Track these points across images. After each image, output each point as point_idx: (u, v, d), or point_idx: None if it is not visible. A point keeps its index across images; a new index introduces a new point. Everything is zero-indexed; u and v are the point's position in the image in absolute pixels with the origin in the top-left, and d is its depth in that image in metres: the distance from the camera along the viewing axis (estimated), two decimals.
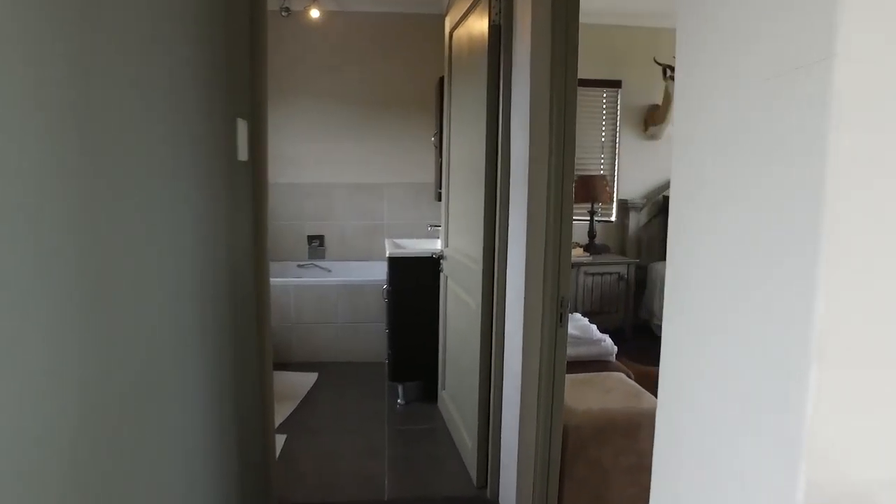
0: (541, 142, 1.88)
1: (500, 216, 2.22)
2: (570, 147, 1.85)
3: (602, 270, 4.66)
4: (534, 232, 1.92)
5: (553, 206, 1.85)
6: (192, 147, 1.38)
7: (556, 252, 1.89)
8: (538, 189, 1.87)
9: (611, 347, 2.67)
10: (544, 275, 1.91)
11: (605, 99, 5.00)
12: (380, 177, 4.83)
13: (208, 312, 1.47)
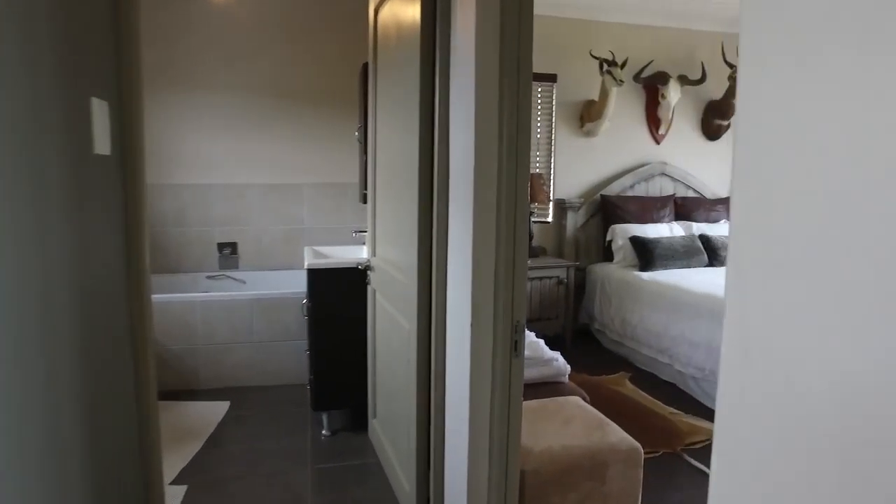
0: (488, 135, 1.54)
1: (438, 223, 1.87)
2: (525, 141, 1.53)
3: (540, 275, 4.42)
4: (481, 242, 1.58)
5: (505, 213, 1.52)
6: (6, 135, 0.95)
7: (509, 266, 1.56)
8: (485, 191, 1.54)
9: (563, 367, 2.39)
10: (495, 294, 1.58)
11: (539, 93, 4.76)
12: (299, 176, 4.37)
13: (34, 348, 1.04)
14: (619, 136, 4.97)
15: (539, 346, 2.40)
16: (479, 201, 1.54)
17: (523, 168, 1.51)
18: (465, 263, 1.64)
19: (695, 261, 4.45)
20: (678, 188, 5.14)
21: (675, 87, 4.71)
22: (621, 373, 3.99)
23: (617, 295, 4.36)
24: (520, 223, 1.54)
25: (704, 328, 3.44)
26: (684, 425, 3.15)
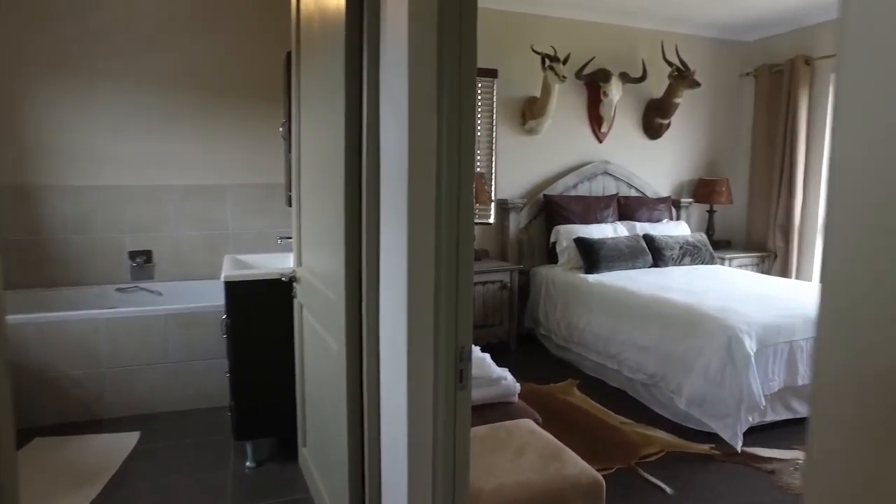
0: (425, 133, 1.30)
1: (368, 231, 1.61)
2: (469, 141, 1.29)
3: (483, 279, 4.22)
4: (417, 255, 1.34)
5: (446, 221, 1.28)
6: None
7: (452, 283, 1.32)
8: (422, 196, 1.29)
9: (512, 386, 2.18)
10: (435, 316, 1.34)
11: (480, 89, 4.56)
12: (221, 177, 3.99)
13: None
14: (561, 134, 4.84)
15: (485, 363, 2.18)
16: (414, 208, 1.29)
17: (467, 170, 1.28)
18: (400, 279, 1.39)
19: (640, 261, 4.37)
20: (621, 187, 5.07)
21: (616, 85, 4.62)
22: (569, 380, 3.84)
23: (562, 298, 4.22)
24: (464, 233, 1.30)
25: (653, 332, 3.33)
26: (637, 436, 3.02)
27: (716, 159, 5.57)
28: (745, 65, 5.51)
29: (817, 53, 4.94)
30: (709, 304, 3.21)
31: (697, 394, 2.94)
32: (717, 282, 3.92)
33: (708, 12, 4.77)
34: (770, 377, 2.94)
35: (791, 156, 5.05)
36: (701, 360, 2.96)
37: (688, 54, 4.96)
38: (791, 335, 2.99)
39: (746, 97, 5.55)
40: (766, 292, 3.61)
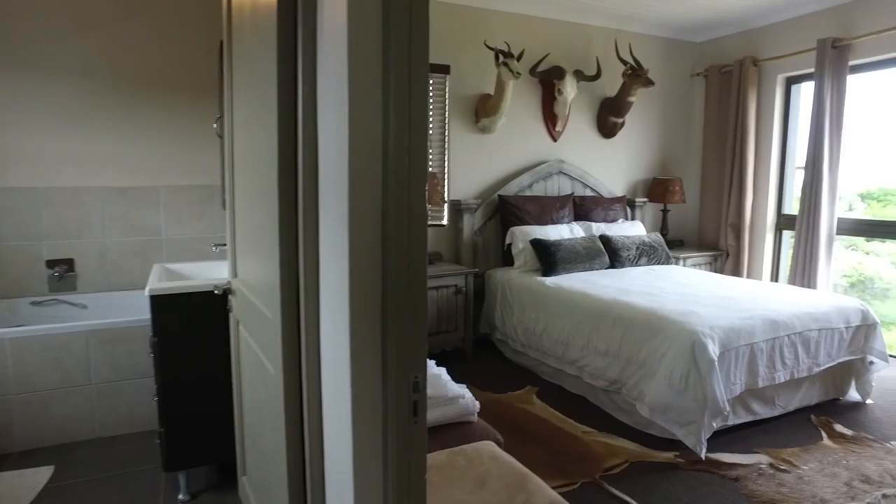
0: (368, 132, 1.10)
1: (306, 241, 1.40)
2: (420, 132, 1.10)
3: (436, 284, 4.04)
4: (360, 270, 1.14)
5: (395, 229, 1.09)
6: None
7: (403, 302, 1.13)
8: (365, 200, 1.10)
9: (471, 405, 2.00)
10: (384, 340, 1.15)
11: (432, 85, 4.38)
12: (154, 178, 3.67)
13: None
14: (516, 133, 4.72)
15: (441, 380, 2.00)
16: (356, 213, 1.10)
17: (418, 170, 1.09)
18: (341, 297, 1.18)
19: (597, 263, 4.28)
20: (576, 187, 4.98)
21: (571, 83, 4.53)
22: (528, 387, 3.71)
23: (519, 302, 4.08)
24: (416, 242, 1.12)
25: (613, 337, 3.22)
26: (600, 446, 2.90)
27: (669, 159, 5.57)
28: (696, 65, 5.53)
29: (763, 55, 4.98)
30: (669, 308, 3.13)
31: (661, 401, 2.84)
32: (674, 283, 3.87)
33: (658, 11, 4.74)
34: (732, 381, 2.87)
35: (741, 155, 5.08)
36: (663, 365, 2.86)
37: (641, 53, 4.92)
38: (751, 337, 2.94)
39: (697, 97, 5.57)
40: (723, 293, 3.57)
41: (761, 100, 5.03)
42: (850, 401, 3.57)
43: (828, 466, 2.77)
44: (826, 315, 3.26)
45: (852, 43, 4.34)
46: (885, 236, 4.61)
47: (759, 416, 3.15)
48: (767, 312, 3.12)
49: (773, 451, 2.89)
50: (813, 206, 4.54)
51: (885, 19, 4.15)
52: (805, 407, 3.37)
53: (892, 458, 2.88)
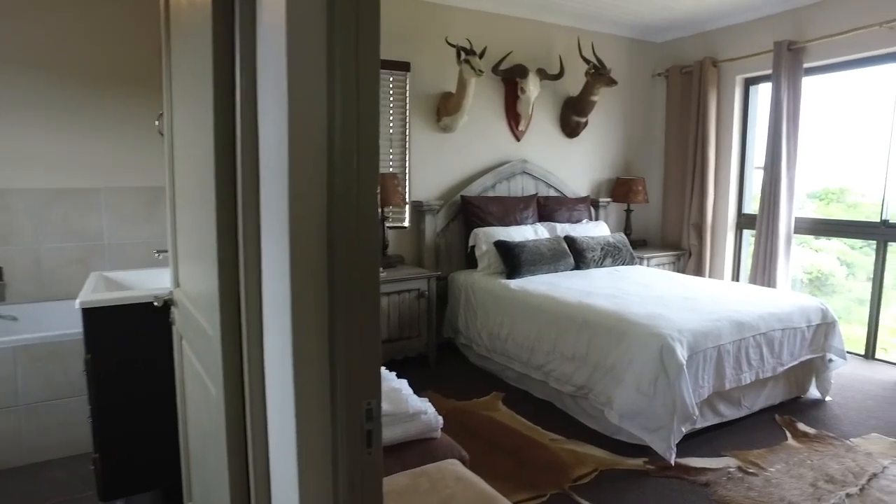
0: (309, 128, 0.96)
1: (246, 246, 1.25)
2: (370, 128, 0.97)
3: (398, 288, 3.90)
4: (303, 278, 1.00)
5: (342, 232, 0.96)
6: None
7: (353, 319, 1.00)
8: (306, 205, 0.96)
9: (434, 421, 1.88)
10: (332, 362, 1.02)
11: (391, 84, 4.25)
12: (95, 179, 3.43)
13: None
14: (478, 132, 4.62)
15: (401, 395, 1.87)
16: (297, 219, 0.96)
17: (368, 170, 0.96)
18: (283, 312, 1.05)
19: (562, 264, 4.22)
20: (539, 187, 4.92)
21: (534, 81, 4.46)
22: (493, 393, 3.61)
23: (483, 306, 3.98)
24: (366, 250, 0.99)
25: (580, 342, 3.15)
26: (567, 455, 2.82)
27: (632, 158, 5.57)
28: (658, 65, 5.55)
29: (722, 56, 5.02)
30: (636, 311, 3.07)
31: (630, 407, 2.78)
32: (639, 284, 3.83)
33: (620, 11, 4.71)
34: (700, 384, 2.83)
35: (702, 155, 5.11)
36: (632, 370, 2.80)
37: (603, 53, 4.89)
38: (718, 339, 2.90)
39: (659, 97, 5.59)
40: (688, 294, 3.54)
41: (721, 100, 5.07)
42: (810, 398, 3.59)
43: (794, 467, 2.76)
44: (789, 315, 3.26)
45: (806, 46, 4.40)
46: (839, 235, 4.70)
47: (725, 417, 3.12)
48: (733, 314, 3.10)
49: (741, 454, 2.86)
50: (772, 206, 4.58)
51: (838, 23, 4.22)
52: (769, 406, 3.37)
53: (852, 455, 2.89)
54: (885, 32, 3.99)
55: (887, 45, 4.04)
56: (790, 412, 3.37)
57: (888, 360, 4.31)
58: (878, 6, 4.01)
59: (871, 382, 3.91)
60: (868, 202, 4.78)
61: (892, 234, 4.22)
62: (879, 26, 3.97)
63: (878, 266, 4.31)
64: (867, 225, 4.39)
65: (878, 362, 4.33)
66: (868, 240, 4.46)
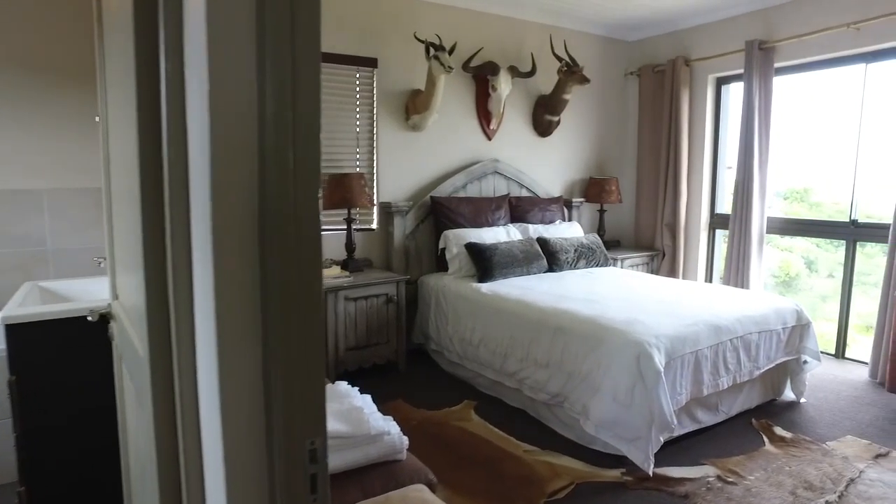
0: (236, 113, 0.81)
1: (175, 256, 1.09)
2: (310, 123, 0.82)
3: (366, 293, 3.74)
4: (229, 297, 0.85)
5: (278, 243, 0.81)
6: None
7: (292, 341, 0.85)
8: (233, 206, 0.81)
9: (398, 442, 1.73)
10: (266, 396, 0.86)
11: (358, 80, 4.08)
12: (36, 180, 3.18)
13: None
14: (448, 131, 4.48)
15: (362, 415, 1.72)
16: (220, 228, 0.81)
17: (307, 171, 0.81)
18: (208, 336, 0.89)
19: (535, 266, 4.11)
20: (511, 187, 4.80)
21: (505, 79, 4.34)
22: (465, 402, 3.47)
23: (454, 311, 3.84)
24: (308, 262, 0.84)
25: (554, 348, 3.03)
26: (543, 467, 2.70)
27: (605, 158, 5.50)
28: (630, 64, 5.49)
29: (694, 55, 4.98)
30: (612, 316, 2.97)
31: (606, 417, 2.67)
32: (614, 287, 3.74)
33: (591, 8, 4.63)
34: (678, 391, 2.74)
35: (675, 155, 5.06)
36: (608, 378, 2.69)
37: (576, 51, 4.80)
38: (696, 344, 2.82)
39: (631, 96, 5.53)
40: (664, 297, 3.46)
41: (693, 100, 5.03)
42: (785, 400, 3.55)
43: (773, 475, 2.69)
44: (765, 317, 3.20)
45: (777, 45, 4.38)
46: (809, 234, 4.70)
47: (703, 423, 3.04)
48: (710, 317, 3.02)
49: (720, 462, 2.78)
50: (745, 205, 4.55)
51: (807, 23, 4.21)
52: (746, 410, 3.31)
53: (829, 460, 2.84)
54: (851, 33, 3.99)
55: (854, 46, 4.04)
56: (766, 416, 3.31)
57: (858, 359, 4.32)
58: (845, 7, 4.01)
59: (842, 382, 3.89)
60: (829, 201, 4.82)
61: (860, 233, 4.22)
62: (847, 27, 3.97)
63: (847, 265, 4.31)
64: (837, 225, 4.39)
65: (848, 361, 4.34)
66: (837, 239, 4.47)
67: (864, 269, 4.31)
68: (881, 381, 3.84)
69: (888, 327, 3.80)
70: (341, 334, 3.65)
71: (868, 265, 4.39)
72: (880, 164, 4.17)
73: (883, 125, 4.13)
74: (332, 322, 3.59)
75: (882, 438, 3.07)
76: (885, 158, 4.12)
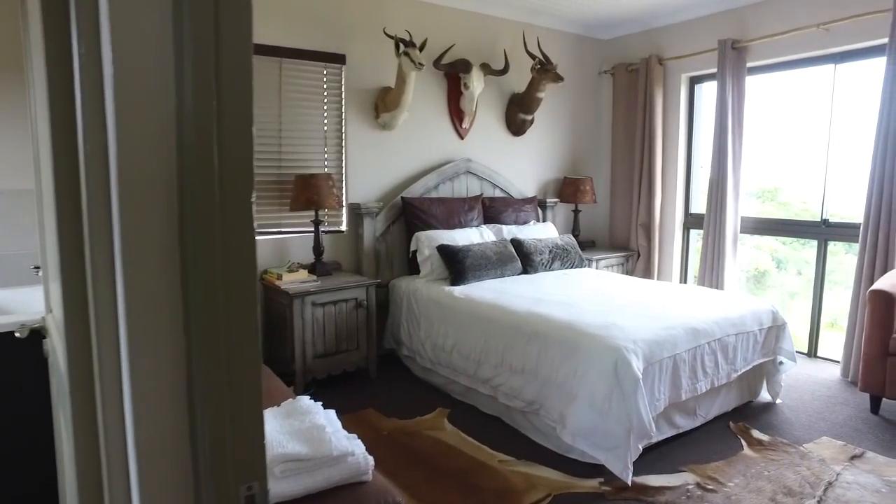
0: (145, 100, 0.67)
1: (95, 263, 0.94)
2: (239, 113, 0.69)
3: (334, 298, 3.59)
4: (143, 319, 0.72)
5: (203, 257, 0.68)
6: None
7: (214, 368, 0.72)
8: (146, 214, 0.68)
9: (363, 463, 1.60)
10: (193, 431, 0.74)
11: (325, 77, 3.93)
12: None
13: None
14: (419, 130, 4.36)
15: (324, 435, 1.58)
16: (131, 241, 0.68)
17: (237, 172, 0.68)
18: (123, 362, 0.75)
19: (509, 269, 4.01)
20: (485, 187, 4.70)
21: (478, 76, 4.24)
22: (438, 410, 3.35)
23: (426, 315, 3.72)
24: (241, 280, 0.71)
25: (529, 354, 2.93)
26: (518, 478, 2.59)
27: (580, 157, 5.43)
28: (604, 63, 5.44)
29: (667, 54, 4.95)
30: (588, 320, 2.88)
31: (583, 425, 2.58)
32: (590, 289, 3.66)
33: (564, 5, 4.56)
34: (657, 397, 2.67)
35: (649, 154, 5.02)
36: (585, 385, 2.60)
37: (549, 49, 4.72)
38: (674, 348, 2.75)
39: (605, 95, 5.48)
40: (640, 298, 3.39)
41: (667, 99, 5.00)
42: (761, 402, 3.52)
43: (752, 480, 2.64)
44: (742, 319, 3.15)
45: (749, 45, 4.37)
46: (781, 234, 4.71)
47: (681, 428, 2.98)
48: (688, 320, 2.96)
49: (699, 469, 2.71)
50: (719, 205, 4.53)
51: (779, 23, 4.20)
52: (723, 413, 3.26)
53: (806, 463, 2.80)
54: (821, 34, 3.99)
55: (824, 47, 4.04)
56: (744, 418, 3.27)
57: (829, 358, 4.33)
58: (815, 8, 4.01)
59: (815, 382, 3.88)
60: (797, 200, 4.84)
61: (832, 233, 4.23)
62: (817, 27, 3.96)
63: (819, 265, 4.31)
64: (808, 224, 4.39)
65: (820, 360, 4.34)
66: (809, 239, 4.47)
67: (829, 266, 4.33)
68: (853, 381, 3.84)
69: (859, 326, 3.81)
70: (309, 341, 3.50)
71: (831, 263, 4.41)
72: (849, 164, 4.18)
73: (851, 126, 4.14)
74: (298, 329, 3.44)
75: (856, 439, 3.05)
76: (854, 159, 4.14)
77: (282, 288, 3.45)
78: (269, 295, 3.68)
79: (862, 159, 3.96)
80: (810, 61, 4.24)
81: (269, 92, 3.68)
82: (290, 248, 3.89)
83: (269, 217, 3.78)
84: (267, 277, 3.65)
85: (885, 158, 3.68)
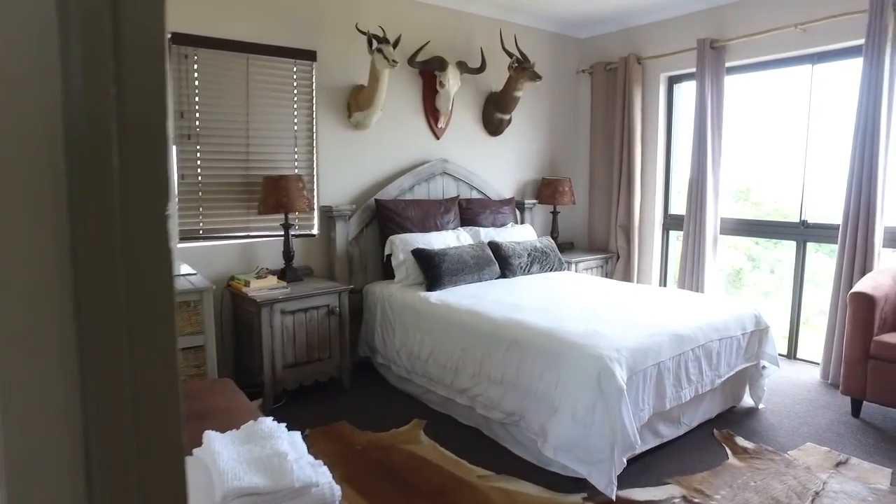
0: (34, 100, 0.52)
1: None
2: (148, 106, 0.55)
3: (305, 305, 3.43)
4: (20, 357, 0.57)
5: (98, 280, 0.53)
6: None
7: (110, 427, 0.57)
8: (29, 229, 0.53)
9: (329, 493, 1.45)
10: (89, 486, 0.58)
11: (295, 74, 3.77)
12: None
13: None
14: (394, 129, 4.22)
15: (285, 463, 1.44)
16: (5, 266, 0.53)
17: (145, 178, 0.54)
18: None
19: (487, 273, 3.89)
20: (461, 189, 4.58)
21: (454, 74, 4.11)
22: (414, 421, 3.22)
23: (401, 322, 3.58)
24: (151, 311, 0.56)
25: (509, 364, 2.81)
26: (498, 495, 2.47)
27: (558, 158, 5.34)
28: (582, 62, 5.36)
29: (646, 53, 4.89)
30: (570, 328, 2.77)
31: (565, 438, 2.47)
32: (571, 294, 3.55)
33: (542, 3, 4.46)
34: (641, 407, 2.57)
35: (629, 154, 4.95)
36: (567, 396, 2.49)
37: (526, 47, 4.62)
38: (658, 356, 2.65)
39: (584, 95, 5.40)
40: (623, 304, 3.30)
41: (646, 99, 4.94)
42: (744, 407, 3.46)
43: (739, 492, 2.55)
44: (725, 324, 3.08)
45: (728, 44, 4.33)
46: (760, 235, 4.68)
47: (665, 437, 2.89)
48: (671, 326, 2.87)
49: (685, 480, 2.62)
50: (699, 206, 4.48)
51: (757, 23, 4.17)
52: (707, 420, 3.18)
53: (792, 471, 2.73)
54: (798, 34, 3.96)
55: (802, 47, 4.01)
56: (728, 425, 3.20)
57: (808, 359, 4.31)
58: (793, 8, 3.97)
59: (796, 385, 3.85)
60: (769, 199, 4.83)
61: (810, 234, 4.20)
62: (794, 27, 3.93)
63: (798, 266, 4.28)
64: (787, 225, 4.36)
65: (800, 362, 4.32)
66: (788, 240, 4.44)
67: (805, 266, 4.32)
68: (833, 383, 3.81)
69: (839, 328, 3.77)
70: (278, 351, 3.33)
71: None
72: (827, 165, 4.16)
73: (829, 127, 4.12)
74: (267, 338, 3.27)
75: (840, 444, 3.00)
76: (832, 160, 4.11)
77: (249, 295, 3.28)
78: (237, 303, 3.51)
79: (840, 160, 3.93)
80: (788, 61, 4.22)
81: (235, 89, 3.51)
82: (259, 253, 3.72)
83: (236, 221, 3.61)
84: (234, 284, 3.47)
85: (862, 159, 3.65)
